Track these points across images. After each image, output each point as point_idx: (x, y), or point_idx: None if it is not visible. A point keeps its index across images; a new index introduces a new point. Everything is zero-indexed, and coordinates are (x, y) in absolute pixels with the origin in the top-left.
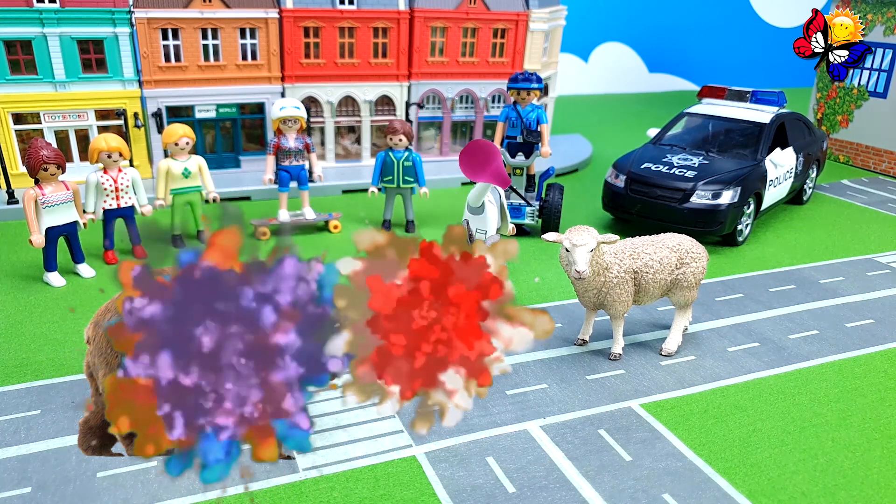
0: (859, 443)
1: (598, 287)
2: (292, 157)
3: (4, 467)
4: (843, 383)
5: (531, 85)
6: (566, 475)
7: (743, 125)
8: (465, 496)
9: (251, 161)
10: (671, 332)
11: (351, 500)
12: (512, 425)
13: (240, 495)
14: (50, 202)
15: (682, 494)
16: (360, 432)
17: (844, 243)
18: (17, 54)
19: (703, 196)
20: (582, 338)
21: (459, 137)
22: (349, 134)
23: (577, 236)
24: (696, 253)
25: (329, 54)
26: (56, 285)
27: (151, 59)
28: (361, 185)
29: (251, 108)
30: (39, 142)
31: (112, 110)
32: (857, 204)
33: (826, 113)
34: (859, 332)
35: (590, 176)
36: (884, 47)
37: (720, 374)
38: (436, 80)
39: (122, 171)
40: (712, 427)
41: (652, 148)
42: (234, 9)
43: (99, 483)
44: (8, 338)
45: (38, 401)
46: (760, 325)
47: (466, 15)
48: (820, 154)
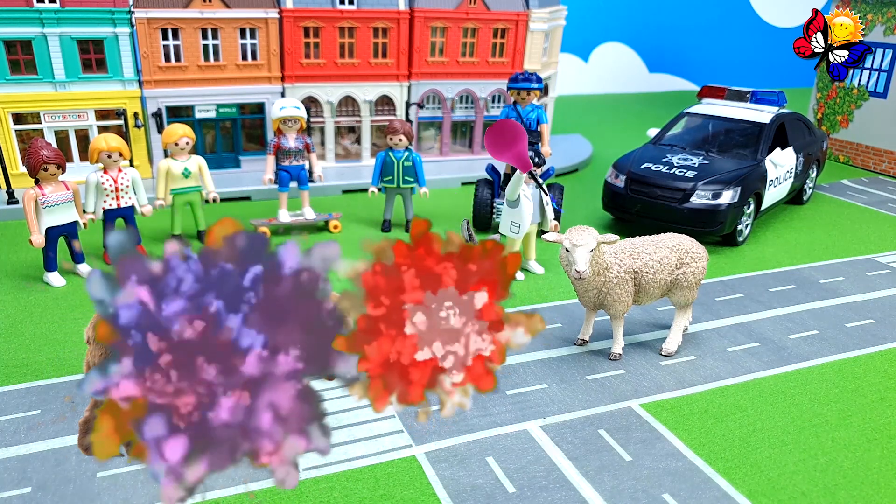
0: (859, 443)
1: (598, 287)
2: (292, 157)
3: (4, 467)
4: (843, 383)
5: (531, 85)
6: (566, 475)
7: (743, 125)
8: (465, 496)
9: (251, 161)
10: (671, 332)
11: (351, 500)
12: (512, 425)
13: (240, 495)
14: (50, 202)
15: (682, 494)
16: (360, 432)
17: (844, 243)
18: (17, 54)
19: (703, 196)
20: (582, 338)
21: (459, 137)
22: (349, 134)
23: (577, 236)
24: (696, 253)
25: (329, 54)
26: (56, 285)
27: (151, 59)
28: (361, 185)
29: (251, 108)
30: (39, 142)
31: (112, 110)
32: (857, 204)
33: (826, 113)
34: (859, 332)
35: (590, 176)
36: (884, 47)
37: (720, 374)
38: (436, 80)
39: (122, 171)
40: (712, 427)
41: (652, 148)
42: (234, 9)
43: (99, 483)
44: (8, 338)
45: (38, 401)
46: (760, 325)
47: (466, 15)
48: (820, 154)
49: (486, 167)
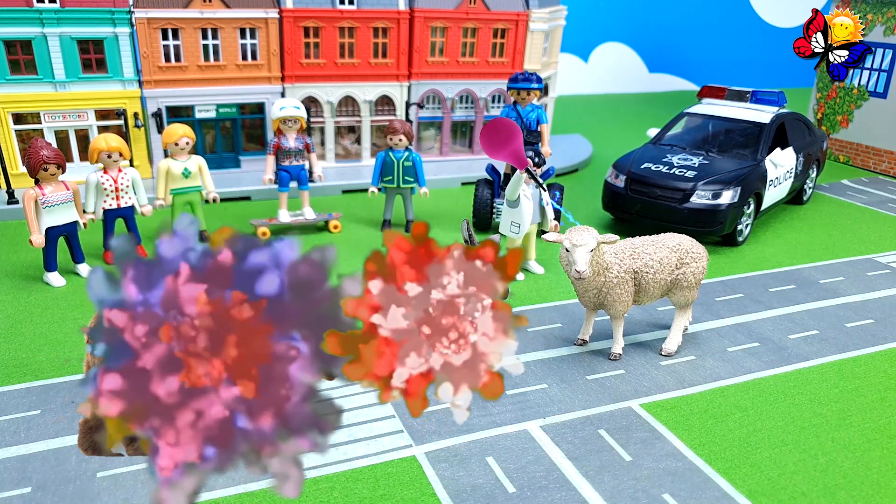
0: (859, 443)
1: (598, 287)
2: (292, 157)
3: (4, 467)
4: (843, 383)
5: (531, 85)
6: (566, 475)
7: (743, 125)
8: (465, 496)
9: (251, 161)
10: (671, 332)
11: (351, 500)
12: (512, 425)
13: (240, 495)
14: (50, 202)
15: (682, 494)
16: (360, 432)
17: (844, 243)
18: (17, 54)
19: (703, 196)
20: (582, 338)
21: (459, 137)
22: (349, 134)
23: (577, 236)
24: (696, 253)
25: (329, 54)
26: (56, 285)
27: (151, 59)
28: (361, 185)
29: (251, 108)
30: (39, 142)
31: (112, 110)
32: (857, 204)
33: (826, 113)
34: (859, 332)
35: (590, 176)
36: (884, 47)
37: (720, 374)
38: (436, 80)
39: (122, 171)
40: (712, 427)
41: (652, 148)
42: (234, 9)
43: (99, 483)
44: (8, 338)
45: (38, 401)
46: (760, 325)
47: (466, 15)
48: (820, 154)
49: (486, 167)
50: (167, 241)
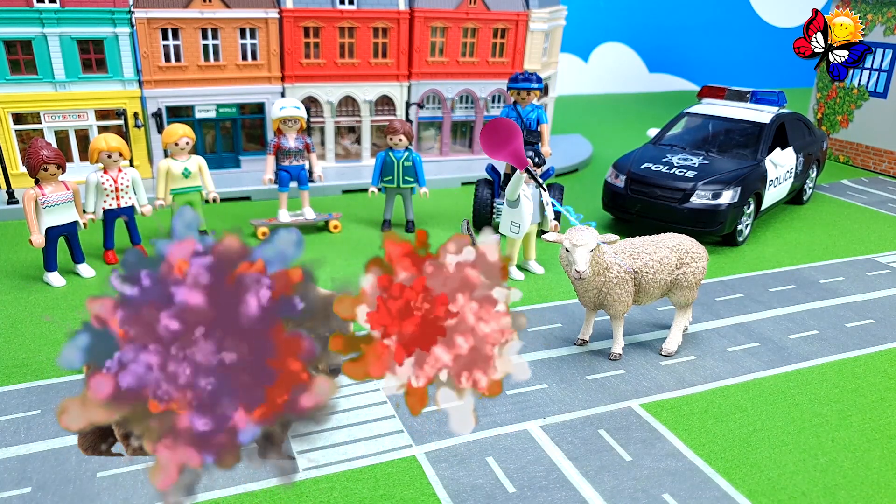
0: (859, 443)
1: (598, 287)
2: (292, 157)
3: (4, 467)
4: (843, 383)
5: (531, 85)
6: (566, 475)
7: (743, 125)
8: (465, 496)
9: (251, 161)
10: (671, 332)
11: (351, 500)
12: (512, 425)
13: (240, 495)
14: (50, 202)
15: (682, 494)
16: (360, 432)
17: (844, 243)
18: (17, 54)
19: (703, 196)
20: (582, 338)
21: (459, 137)
22: (349, 134)
23: (577, 236)
24: (696, 253)
25: (329, 54)
26: (56, 285)
27: (151, 59)
28: (361, 185)
29: (251, 108)
30: (39, 142)
31: (112, 110)
32: (857, 204)
33: (826, 113)
34: (859, 332)
35: (590, 176)
36: (884, 47)
37: (720, 374)
38: (436, 80)
39: (122, 171)
40: (712, 427)
41: (652, 148)
42: (234, 9)
43: (99, 483)
44: (8, 338)
45: (38, 401)
46: (760, 325)
47: (466, 15)
48: (820, 154)
49: (486, 167)
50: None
